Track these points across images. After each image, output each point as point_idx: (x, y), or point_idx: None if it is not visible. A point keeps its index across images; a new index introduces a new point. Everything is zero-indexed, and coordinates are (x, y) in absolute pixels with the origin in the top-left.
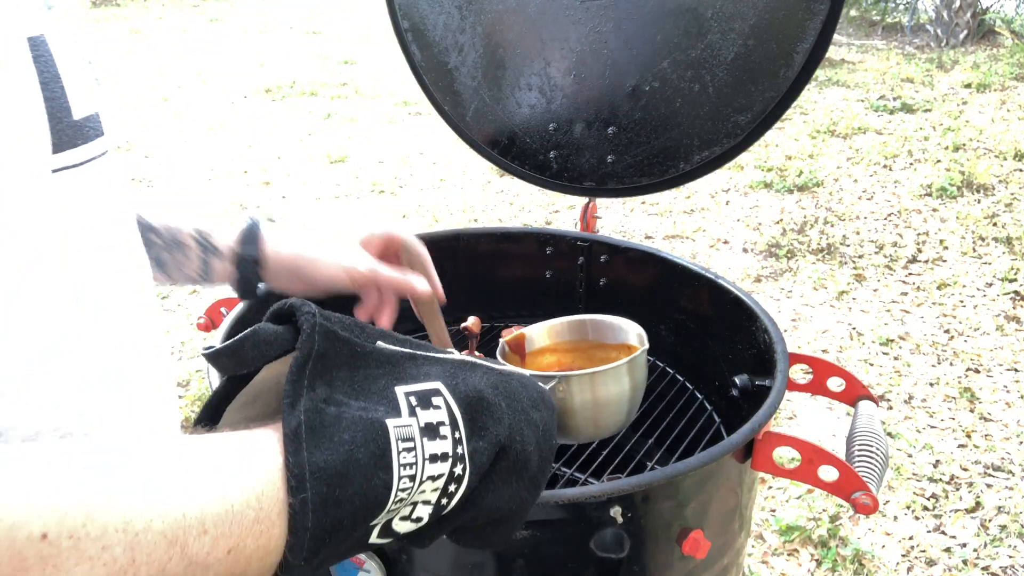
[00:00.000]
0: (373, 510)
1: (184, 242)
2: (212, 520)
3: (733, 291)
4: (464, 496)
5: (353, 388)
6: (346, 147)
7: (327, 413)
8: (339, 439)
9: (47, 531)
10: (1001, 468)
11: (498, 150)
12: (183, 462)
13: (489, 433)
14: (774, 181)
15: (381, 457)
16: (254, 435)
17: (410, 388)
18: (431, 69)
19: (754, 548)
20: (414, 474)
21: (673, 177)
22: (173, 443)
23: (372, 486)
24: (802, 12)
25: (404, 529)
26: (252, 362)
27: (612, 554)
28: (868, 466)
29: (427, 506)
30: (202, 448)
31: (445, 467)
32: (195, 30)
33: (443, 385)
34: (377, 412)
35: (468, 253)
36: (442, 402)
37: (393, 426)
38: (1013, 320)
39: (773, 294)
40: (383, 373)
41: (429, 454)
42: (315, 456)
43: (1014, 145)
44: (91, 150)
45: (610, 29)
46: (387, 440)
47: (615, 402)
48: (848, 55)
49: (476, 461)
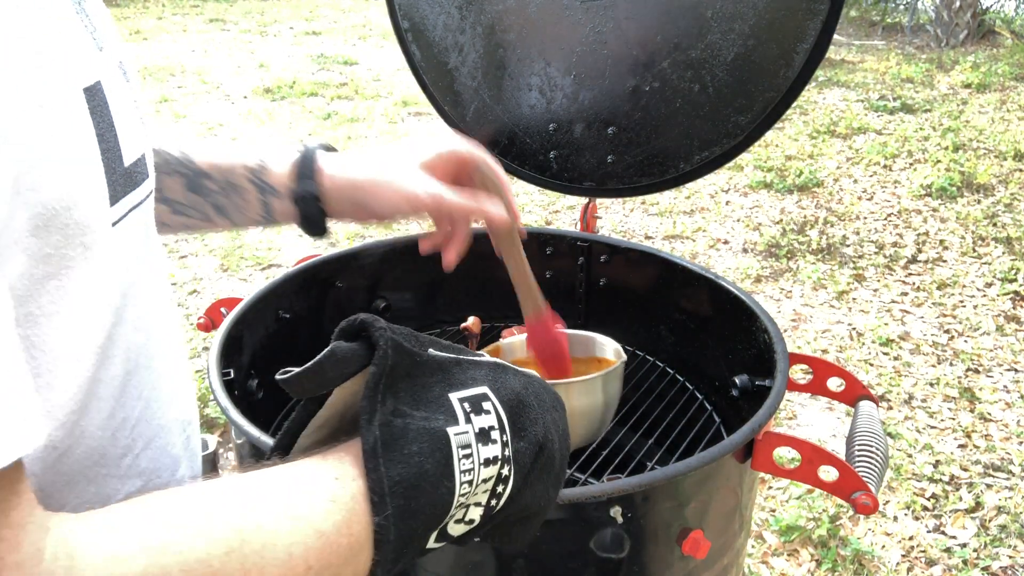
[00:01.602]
0: (440, 517)
1: (239, 184)
2: (314, 556)
3: (733, 291)
4: (509, 496)
5: (413, 398)
6: (346, 147)
7: (395, 426)
8: (409, 451)
9: None
10: (1001, 468)
11: (498, 150)
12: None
13: (528, 434)
14: (774, 181)
15: (446, 465)
16: (329, 461)
17: (463, 394)
18: (431, 69)
19: (754, 548)
20: (472, 479)
21: (673, 177)
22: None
23: (439, 494)
24: (802, 12)
25: (458, 532)
26: (332, 382)
27: (612, 554)
28: (868, 466)
29: (479, 508)
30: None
31: (495, 470)
32: (195, 30)
33: (489, 389)
34: (438, 421)
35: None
36: (491, 407)
37: (453, 434)
38: (1013, 320)
39: (773, 294)
40: (436, 380)
41: (484, 458)
42: (391, 471)
43: (1014, 145)
44: (139, 195)
45: (610, 29)
46: (449, 448)
47: (587, 414)
48: (848, 55)
49: (520, 462)
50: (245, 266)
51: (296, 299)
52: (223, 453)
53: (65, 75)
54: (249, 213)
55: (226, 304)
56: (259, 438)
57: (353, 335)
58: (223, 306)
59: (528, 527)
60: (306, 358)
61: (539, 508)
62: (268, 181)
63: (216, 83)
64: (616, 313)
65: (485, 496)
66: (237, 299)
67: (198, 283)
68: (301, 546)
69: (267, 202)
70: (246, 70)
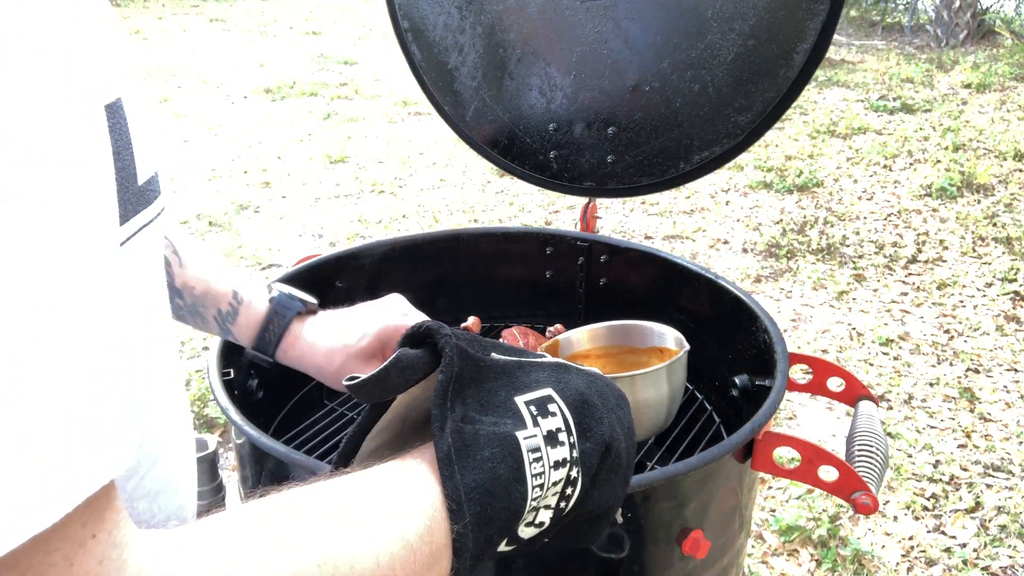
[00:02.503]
0: (513, 522)
1: (205, 315)
2: (400, 565)
3: (733, 291)
4: (579, 497)
5: (480, 403)
6: (346, 147)
7: (466, 432)
8: (481, 457)
9: None
10: (1001, 468)
11: (498, 150)
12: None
13: (594, 434)
14: (774, 181)
15: (517, 470)
16: (405, 468)
17: (528, 397)
18: (431, 69)
19: (754, 548)
20: (543, 483)
21: (673, 177)
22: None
23: (513, 499)
24: (802, 12)
25: (528, 535)
26: (397, 388)
27: (612, 554)
28: (868, 466)
29: (548, 510)
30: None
31: (564, 472)
32: (195, 30)
33: (553, 391)
34: (506, 426)
35: (468, 253)
36: (557, 409)
37: (522, 438)
38: (1013, 320)
39: (773, 294)
40: (501, 385)
41: (553, 461)
42: (466, 477)
43: (1014, 145)
44: (150, 213)
45: (610, 29)
46: (520, 453)
47: (653, 405)
48: (848, 55)
49: (587, 463)
50: (245, 266)
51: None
52: (223, 453)
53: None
54: (204, 330)
55: None
56: (259, 438)
57: (418, 342)
58: None
59: (598, 526)
60: None
61: (608, 507)
62: (231, 327)
63: (216, 83)
64: (616, 313)
65: (555, 499)
66: None
67: None
68: (388, 555)
69: (225, 335)
70: (246, 70)
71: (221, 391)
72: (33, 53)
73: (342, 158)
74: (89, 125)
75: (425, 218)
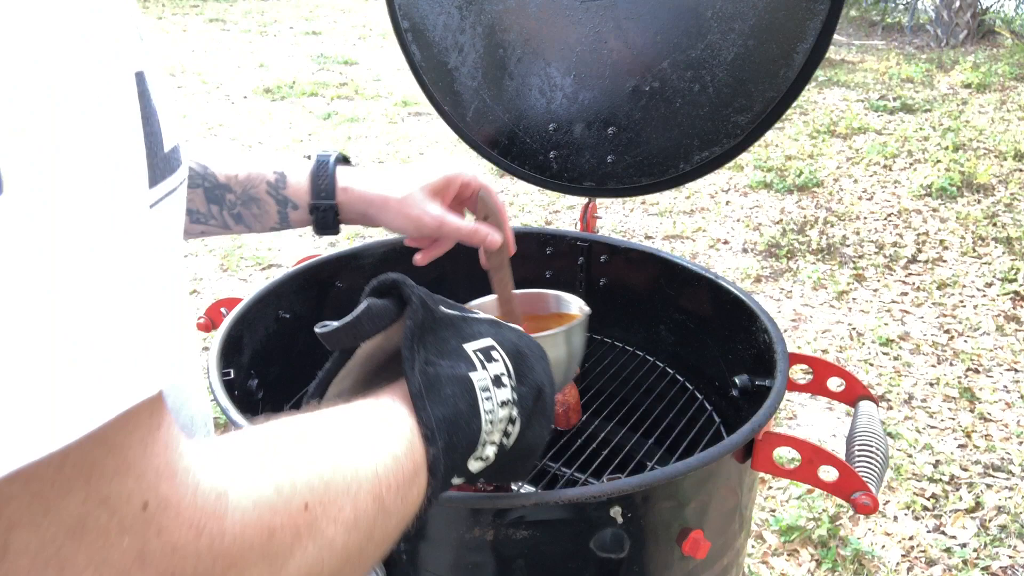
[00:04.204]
0: (470, 452)
1: (259, 196)
2: (393, 475)
3: (733, 291)
4: (518, 434)
5: (437, 349)
6: (346, 147)
7: (430, 373)
8: (445, 394)
9: (308, 501)
10: (1001, 468)
11: (498, 150)
12: (357, 432)
13: (528, 380)
14: (774, 181)
15: (473, 406)
16: (381, 403)
17: (475, 345)
18: (431, 69)
19: (754, 548)
20: (492, 419)
21: (673, 177)
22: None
23: (471, 430)
24: (802, 12)
25: (476, 468)
26: (367, 334)
27: (612, 554)
28: (868, 466)
29: (493, 446)
30: (357, 418)
31: (508, 411)
32: (195, 30)
33: (494, 340)
34: (461, 368)
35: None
36: (498, 356)
37: (475, 379)
38: (1013, 320)
39: (773, 294)
40: (451, 334)
41: (499, 401)
42: (435, 410)
43: (1014, 145)
44: (174, 181)
45: (610, 29)
46: (475, 391)
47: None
48: (848, 55)
49: (523, 405)
50: (245, 266)
51: (296, 299)
52: None
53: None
54: (266, 222)
55: (226, 304)
56: None
57: (383, 292)
58: (223, 306)
59: (526, 465)
60: (306, 358)
61: (536, 446)
62: (287, 194)
63: (216, 83)
64: (616, 313)
65: (499, 435)
66: (237, 299)
67: (198, 283)
68: (383, 466)
69: (285, 212)
70: (246, 70)
71: (221, 391)
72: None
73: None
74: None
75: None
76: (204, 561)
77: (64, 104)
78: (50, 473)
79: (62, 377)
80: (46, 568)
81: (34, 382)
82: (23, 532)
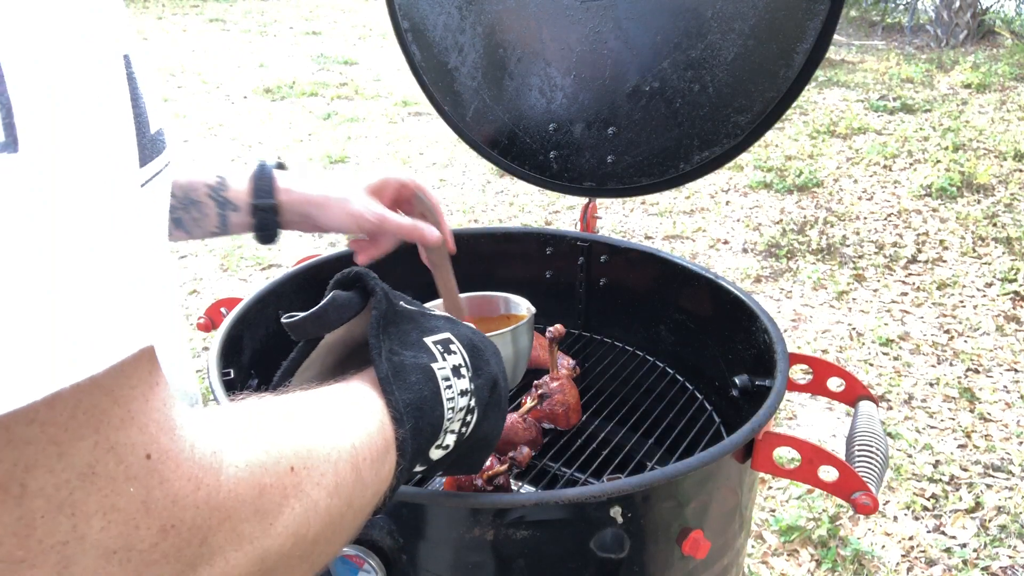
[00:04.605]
0: (435, 438)
1: (200, 200)
2: (367, 448)
3: (733, 291)
4: (475, 424)
5: (400, 340)
6: (346, 147)
7: (395, 361)
8: (410, 381)
9: (293, 465)
10: (1001, 468)
11: (498, 150)
12: (333, 409)
13: (484, 372)
14: (774, 181)
15: (436, 394)
16: (351, 386)
17: (434, 338)
18: (431, 69)
19: (754, 548)
20: (453, 407)
21: (673, 177)
22: (310, 396)
23: (435, 416)
24: (802, 12)
25: (436, 456)
26: (332, 325)
27: (612, 554)
28: (868, 466)
29: (452, 435)
30: (331, 398)
31: (466, 401)
32: (195, 30)
33: (451, 334)
34: (423, 358)
35: (468, 253)
36: (456, 349)
37: (436, 369)
38: (1013, 320)
39: (773, 294)
40: (411, 327)
41: (459, 390)
42: (403, 395)
43: (1014, 145)
44: (159, 163)
45: (610, 29)
46: (437, 380)
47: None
48: (848, 55)
49: (480, 396)
50: (245, 266)
51: (296, 299)
52: None
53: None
54: (206, 226)
55: (226, 304)
56: None
57: (347, 285)
58: (223, 306)
59: (482, 455)
60: None
61: (492, 437)
62: (227, 196)
63: (216, 83)
64: (616, 313)
65: (458, 424)
66: (237, 299)
67: (198, 283)
68: (358, 440)
69: (225, 215)
70: (246, 70)
71: (221, 391)
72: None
73: (342, 158)
74: (119, 65)
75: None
76: (202, 513)
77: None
78: (63, 419)
79: (63, 323)
80: (59, 511)
81: (37, 327)
82: (40, 474)
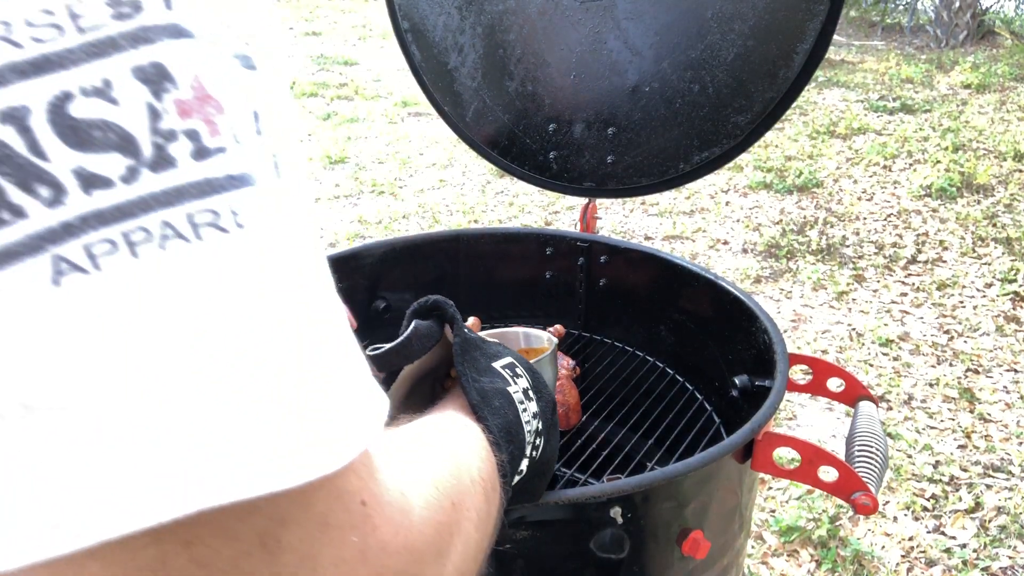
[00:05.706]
0: (519, 461)
1: None
2: (490, 478)
3: (733, 292)
4: (543, 446)
5: (474, 367)
6: (346, 147)
7: (477, 387)
8: (496, 405)
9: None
10: (1001, 469)
11: (498, 151)
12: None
13: (544, 395)
14: (774, 182)
15: (517, 416)
16: (450, 415)
17: (501, 363)
18: (431, 70)
19: (754, 549)
20: (531, 429)
21: (673, 177)
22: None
23: (521, 439)
24: (802, 12)
25: (514, 483)
26: (416, 355)
27: (612, 554)
28: (868, 467)
29: (526, 459)
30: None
31: (536, 424)
32: None
33: (513, 358)
34: (498, 383)
35: (468, 254)
36: (522, 372)
37: (512, 392)
38: (1013, 320)
39: (773, 295)
40: (480, 353)
41: (532, 413)
42: (494, 420)
43: (1014, 145)
44: None
45: (610, 29)
46: (515, 404)
47: None
48: (848, 55)
49: (545, 418)
50: None
51: None
52: None
53: None
54: None
55: None
56: None
57: (425, 314)
58: None
59: (543, 481)
60: None
61: (552, 462)
62: None
63: None
64: (616, 313)
65: (530, 448)
66: None
67: None
68: (484, 463)
69: None
70: None
71: None
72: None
73: (342, 158)
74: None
75: (425, 219)
76: (403, 558)
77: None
78: None
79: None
80: (302, 565)
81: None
82: (292, 528)
